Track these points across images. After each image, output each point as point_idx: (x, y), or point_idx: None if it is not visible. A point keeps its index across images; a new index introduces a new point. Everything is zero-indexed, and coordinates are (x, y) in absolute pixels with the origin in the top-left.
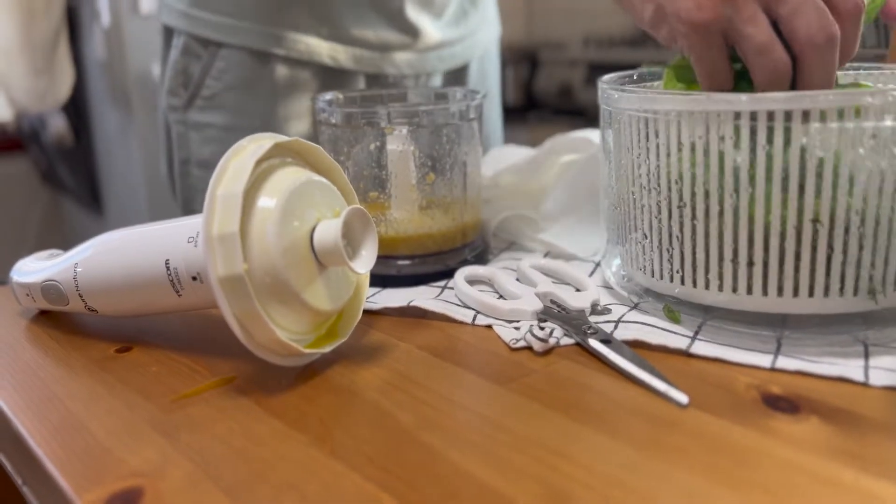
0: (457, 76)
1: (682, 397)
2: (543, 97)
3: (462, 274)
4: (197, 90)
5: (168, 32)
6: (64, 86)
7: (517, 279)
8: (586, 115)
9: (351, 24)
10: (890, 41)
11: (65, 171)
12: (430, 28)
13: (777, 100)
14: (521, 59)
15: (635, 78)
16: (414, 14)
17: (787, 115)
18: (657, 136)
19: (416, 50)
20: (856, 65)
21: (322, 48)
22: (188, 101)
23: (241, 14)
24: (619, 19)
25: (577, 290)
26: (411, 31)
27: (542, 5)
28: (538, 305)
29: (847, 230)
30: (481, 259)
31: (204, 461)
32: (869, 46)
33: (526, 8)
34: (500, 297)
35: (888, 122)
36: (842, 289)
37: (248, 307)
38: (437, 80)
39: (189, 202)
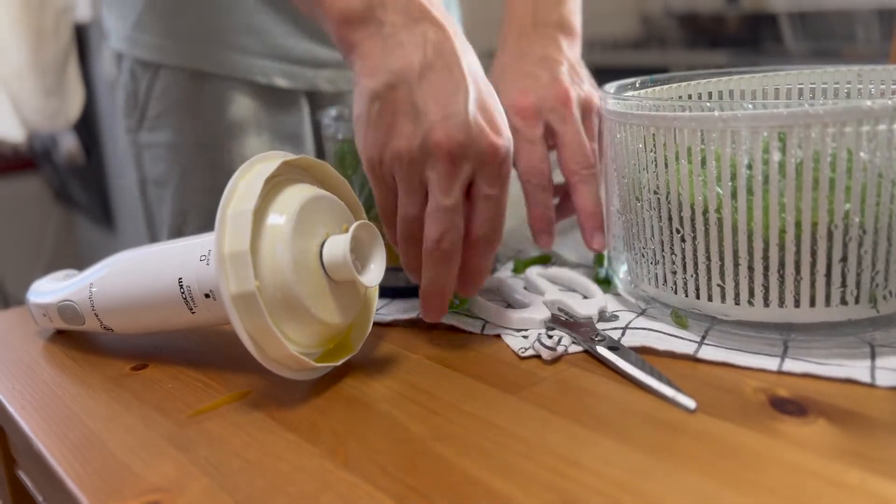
0: None
1: (690, 402)
2: None
3: None
4: (144, 111)
5: (118, 57)
6: (74, 105)
7: (525, 287)
8: None
9: (280, 41)
10: (892, 40)
11: (77, 189)
12: None
13: (777, 116)
14: None
15: (637, 85)
16: None
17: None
18: (655, 145)
19: None
20: (856, 66)
21: (253, 65)
22: (138, 123)
23: (176, 34)
24: (623, 22)
25: (585, 297)
26: None
27: None
28: (546, 314)
29: (846, 238)
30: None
31: (220, 475)
32: (873, 42)
33: None
34: (509, 305)
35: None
36: (843, 297)
37: (261, 323)
38: None
39: (151, 220)
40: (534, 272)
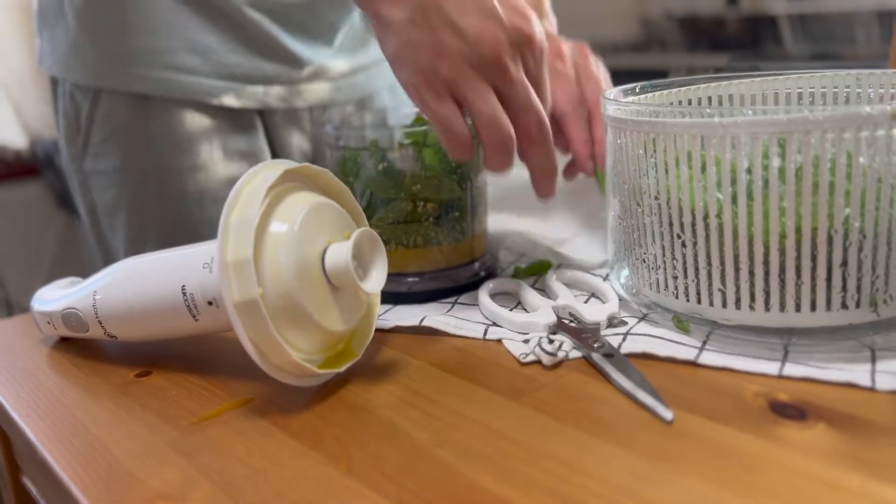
0: (365, 106)
1: (667, 413)
2: None
3: (487, 286)
4: (87, 137)
5: (54, 81)
6: None
7: (543, 291)
8: None
9: (225, 59)
10: (892, 42)
11: None
12: (320, 58)
13: (776, 122)
14: None
15: (637, 91)
16: (294, 44)
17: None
18: (656, 151)
19: (307, 81)
20: (855, 70)
21: (199, 86)
22: (83, 149)
23: (113, 58)
24: (623, 25)
25: (603, 301)
26: (293, 62)
27: None
28: (551, 318)
29: (846, 243)
30: (492, 274)
31: (224, 482)
32: (873, 43)
33: None
34: (518, 304)
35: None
36: (843, 302)
37: (264, 330)
38: (335, 112)
39: (105, 248)
40: (553, 277)
